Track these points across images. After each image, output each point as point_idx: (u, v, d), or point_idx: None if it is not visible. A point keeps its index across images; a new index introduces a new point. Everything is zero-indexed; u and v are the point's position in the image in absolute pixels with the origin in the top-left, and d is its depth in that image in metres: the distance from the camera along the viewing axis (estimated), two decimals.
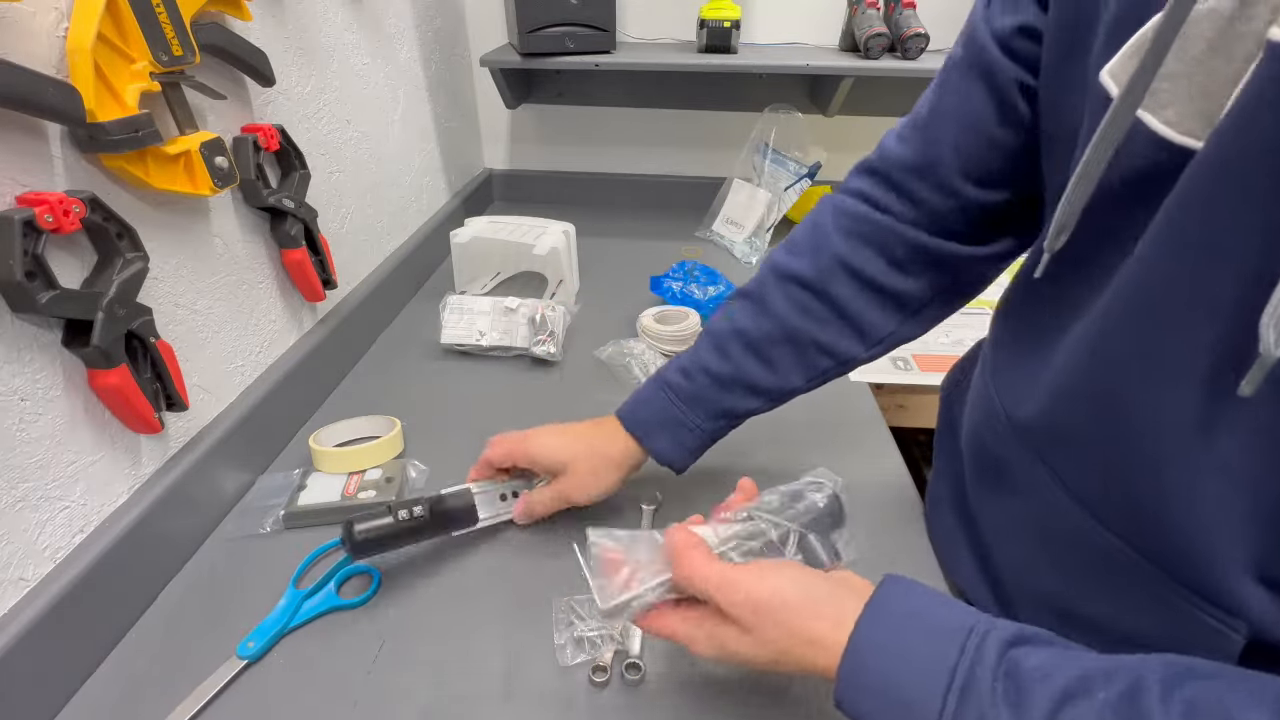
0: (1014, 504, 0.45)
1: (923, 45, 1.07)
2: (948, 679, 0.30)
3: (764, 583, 0.36)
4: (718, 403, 0.54)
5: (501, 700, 0.47)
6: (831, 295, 0.52)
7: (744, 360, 0.54)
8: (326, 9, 0.76)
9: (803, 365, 0.54)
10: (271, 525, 0.60)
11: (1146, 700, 0.27)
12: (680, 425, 0.55)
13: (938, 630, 0.32)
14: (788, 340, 0.53)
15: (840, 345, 0.53)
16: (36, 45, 0.42)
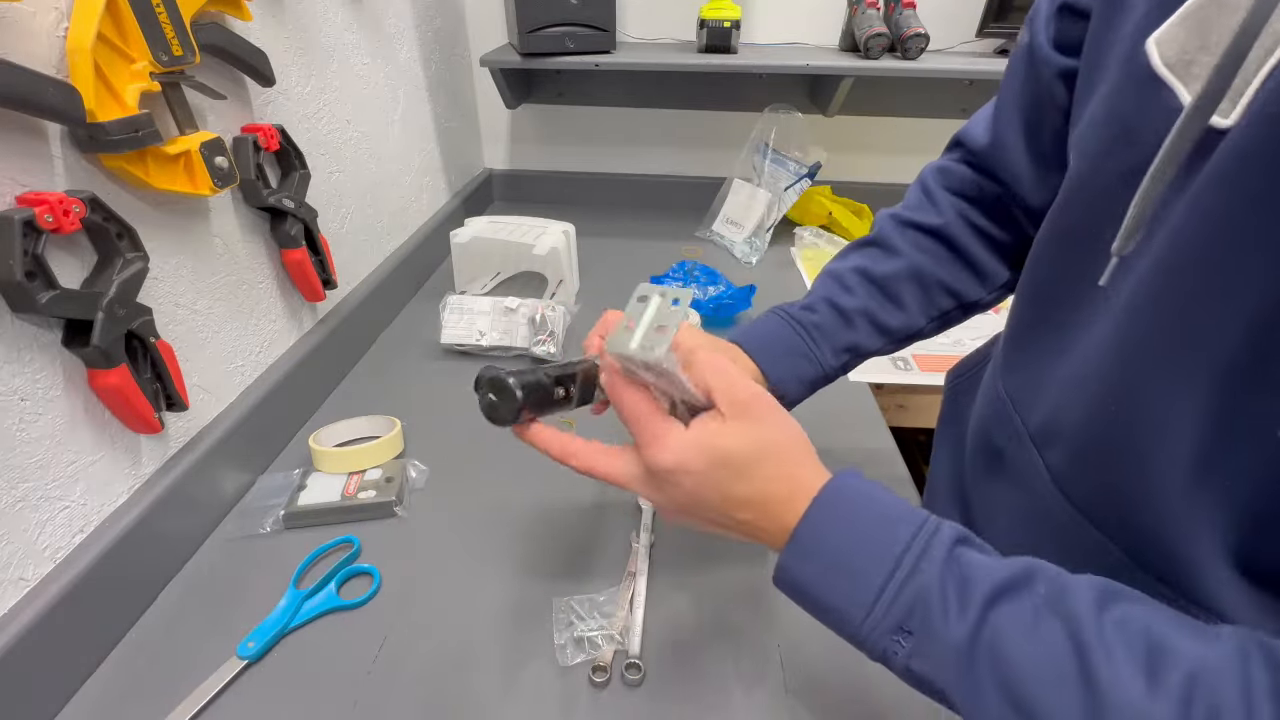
0: (1006, 492, 0.46)
1: (923, 45, 1.07)
2: (900, 551, 0.31)
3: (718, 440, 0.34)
4: (842, 337, 0.53)
5: (501, 700, 0.47)
6: (952, 238, 0.52)
7: (870, 295, 0.53)
8: (326, 9, 0.76)
9: (927, 303, 0.53)
10: (271, 525, 0.60)
11: (1081, 601, 0.27)
12: (802, 355, 0.53)
13: (893, 512, 0.32)
14: (913, 278, 0.53)
15: (963, 286, 0.53)
16: (36, 45, 0.43)
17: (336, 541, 0.59)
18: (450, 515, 0.63)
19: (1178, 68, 0.29)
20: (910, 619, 0.29)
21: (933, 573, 0.30)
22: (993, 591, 0.29)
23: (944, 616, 0.29)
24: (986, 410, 0.50)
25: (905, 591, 0.30)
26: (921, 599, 0.29)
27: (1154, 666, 0.25)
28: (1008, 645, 0.27)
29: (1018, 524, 0.44)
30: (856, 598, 0.31)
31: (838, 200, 1.31)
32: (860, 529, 0.32)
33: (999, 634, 0.28)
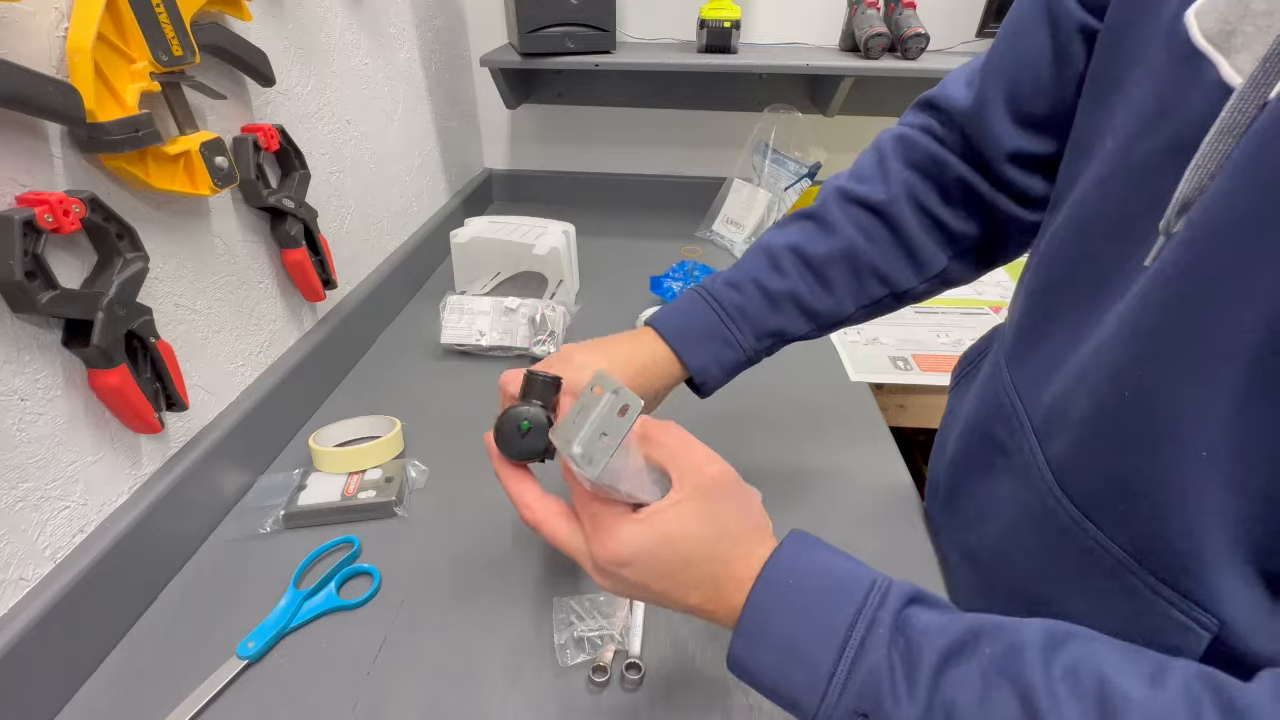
0: (1002, 490, 0.45)
1: (923, 45, 1.07)
2: (847, 628, 0.30)
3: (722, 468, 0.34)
4: (766, 321, 0.51)
5: (502, 700, 0.47)
6: (895, 220, 0.50)
7: (800, 278, 0.51)
8: (326, 9, 0.76)
9: (858, 290, 0.52)
10: (271, 525, 0.60)
11: (1028, 656, 0.27)
12: (723, 341, 0.50)
13: (838, 583, 0.32)
14: (846, 261, 0.51)
15: (897, 273, 0.52)
16: (36, 45, 0.42)
17: (336, 541, 0.59)
18: (450, 515, 0.63)
19: (1218, 39, 0.28)
20: (863, 702, 0.29)
21: (880, 650, 0.29)
22: (940, 660, 0.28)
23: (895, 700, 0.28)
24: (987, 403, 0.49)
25: (855, 673, 0.29)
26: (871, 680, 0.29)
27: (1105, 710, 0.25)
28: (960, 715, 0.27)
29: (1013, 524, 0.43)
30: (809, 685, 0.30)
31: None
32: (804, 608, 0.31)
33: (951, 709, 0.27)
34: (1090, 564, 0.36)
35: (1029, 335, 0.45)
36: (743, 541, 0.34)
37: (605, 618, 0.52)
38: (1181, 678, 0.25)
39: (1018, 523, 0.43)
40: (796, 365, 0.87)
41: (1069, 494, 0.38)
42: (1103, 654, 0.27)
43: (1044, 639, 0.28)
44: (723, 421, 0.76)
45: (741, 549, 0.33)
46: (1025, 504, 0.41)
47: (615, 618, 0.52)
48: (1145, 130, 0.33)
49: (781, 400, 0.80)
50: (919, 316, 1.02)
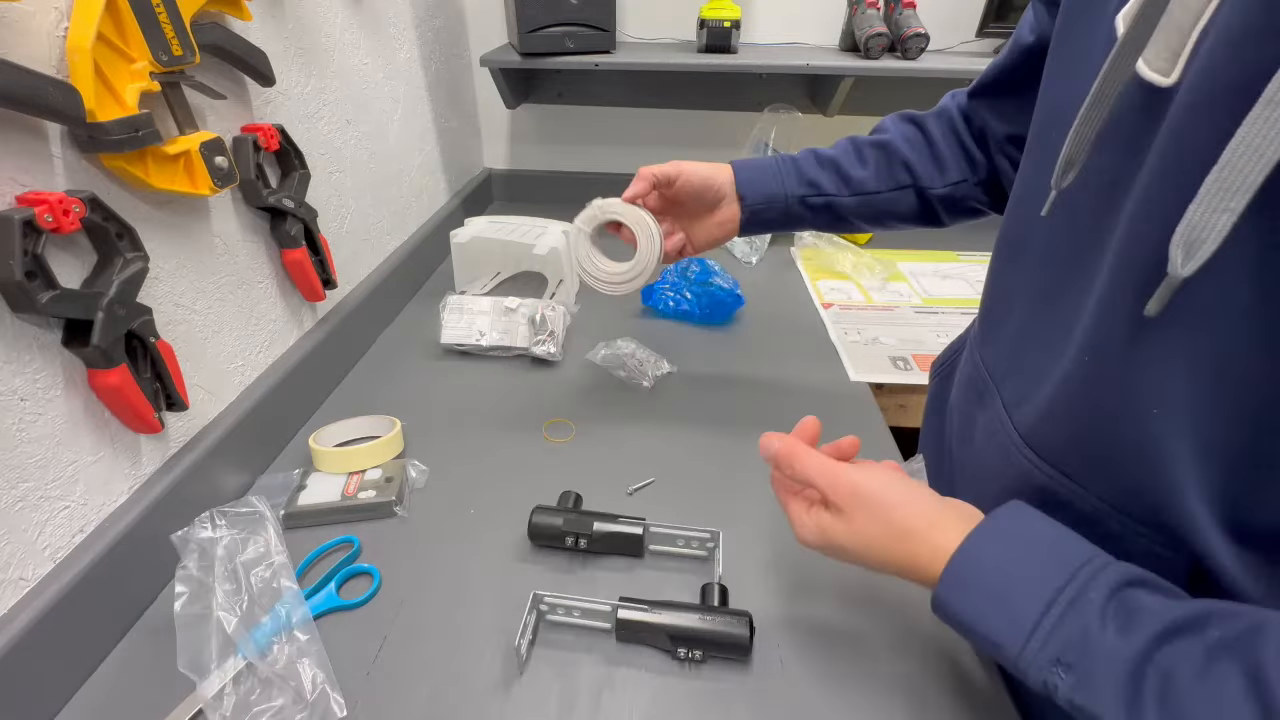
0: (983, 456, 0.48)
1: (923, 45, 1.07)
2: (1059, 586, 0.31)
3: (869, 478, 0.40)
4: (808, 172, 0.62)
5: (502, 700, 0.47)
6: (929, 130, 0.62)
7: (844, 152, 0.63)
8: (326, 9, 0.76)
9: (887, 171, 0.62)
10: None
11: (1266, 642, 0.26)
12: (772, 175, 0.63)
13: (1055, 553, 0.33)
14: (883, 148, 0.62)
15: (921, 168, 0.61)
16: (36, 45, 0.42)
17: (336, 541, 0.59)
18: (450, 515, 0.63)
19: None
20: (1068, 650, 0.30)
21: (1092, 612, 0.30)
22: (1161, 630, 0.28)
23: (1103, 646, 0.29)
24: (963, 384, 0.53)
25: (1062, 628, 0.30)
26: (1080, 634, 0.30)
27: None
28: (1178, 682, 0.27)
29: (998, 487, 0.45)
30: (1013, 629, 0.32)
31: None
32: (1015, 561, 0.34)
33: (1168, 674, 0.27)
34: (1071, 515, 0.37)
35: (991, 319, 0.50)
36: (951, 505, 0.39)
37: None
38: None
39: (998, 490, 0.44)
40: (797, 365, 0.87)
41: (1040, 454, 0.40)
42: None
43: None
44: (723, 421, 0.76)
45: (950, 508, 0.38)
46: (1002, 470, 0.44)
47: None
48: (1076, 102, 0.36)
49: (782, 400, 0.80)
50: (919, 316, 1.02)
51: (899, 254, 1.22)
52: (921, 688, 0.48)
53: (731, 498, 0.65)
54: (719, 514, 0.62)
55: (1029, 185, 0.44)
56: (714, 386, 0.82)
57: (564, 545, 0.58)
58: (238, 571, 0.53)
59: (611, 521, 0.57)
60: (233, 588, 0.52)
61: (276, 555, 0.55)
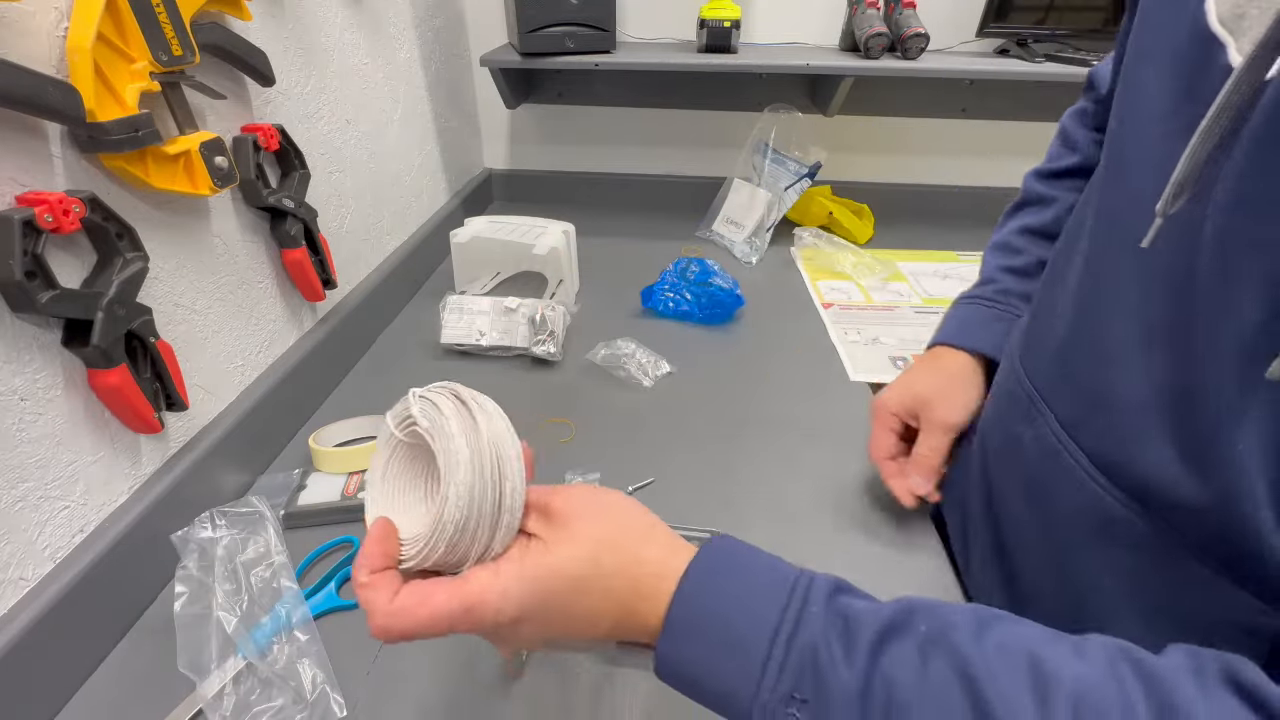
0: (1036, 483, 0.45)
1: (923, 45, 1.07)
2: (779, 614, 0.29)
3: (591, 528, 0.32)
4: (1025, 290, 0.56)
5: (501, 700, 0.47)
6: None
7: (1039, 246, 0.55)
8: (326, 9, 0.76)
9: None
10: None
11: (958, 635, 0.27)
12: (996, 319, 0.56)
13: (765, 573, 0.31)
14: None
15: None
16: (36, 45, 0.42)
17: (336, 541, 0.59)
18: None
19: (1230, 23, 0.29)
20: (801, 683, 0.28)
21: (816, 628, 0.28)
22: (877, 636, 0.28)
23: (834, 672, 0.27)
24: (1002, 398, 0.50)
25: (793, 652, 0.28)
26: (810, 659, 0.28)
27: (1041, 689, 0.25)
28: (900, 691, 0.26)
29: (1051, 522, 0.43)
30: (744, 672, 0.28)
31: (838, 200, 1.31)
32: (734, 597, 0.30)
33: (890, 681, 0.27)
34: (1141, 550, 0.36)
35: (1037, 330, 0.46)
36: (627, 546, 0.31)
37: None
38: (1102, 649, 0.26)
39: (1057, 516, 0.43)
40: (797, 365, 0.87)
41: (1115, 482, 0.37)
42: (1027, 633, 0.28)
43: (973, 620, 0.28)
44: (723, 421, 0.76)
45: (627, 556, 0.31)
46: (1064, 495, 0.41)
47: None
48: (1167, 116, 0.33)
49: (782, 400, 0.80)
50: (919, 316, 1.02)
51: (899, 254, 1.22)
52: None
53: (731, 498, 0.65)
54: (719, 514, 0.62)
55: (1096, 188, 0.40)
56: (714, 386, 0.82)
57: None
58: (238, 571, 0.53)
59: None
60: (233, 588, 0.52)
61: (276, 555, 0.55)
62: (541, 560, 0.30)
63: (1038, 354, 0.45)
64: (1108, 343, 0.38)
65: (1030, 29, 1.11)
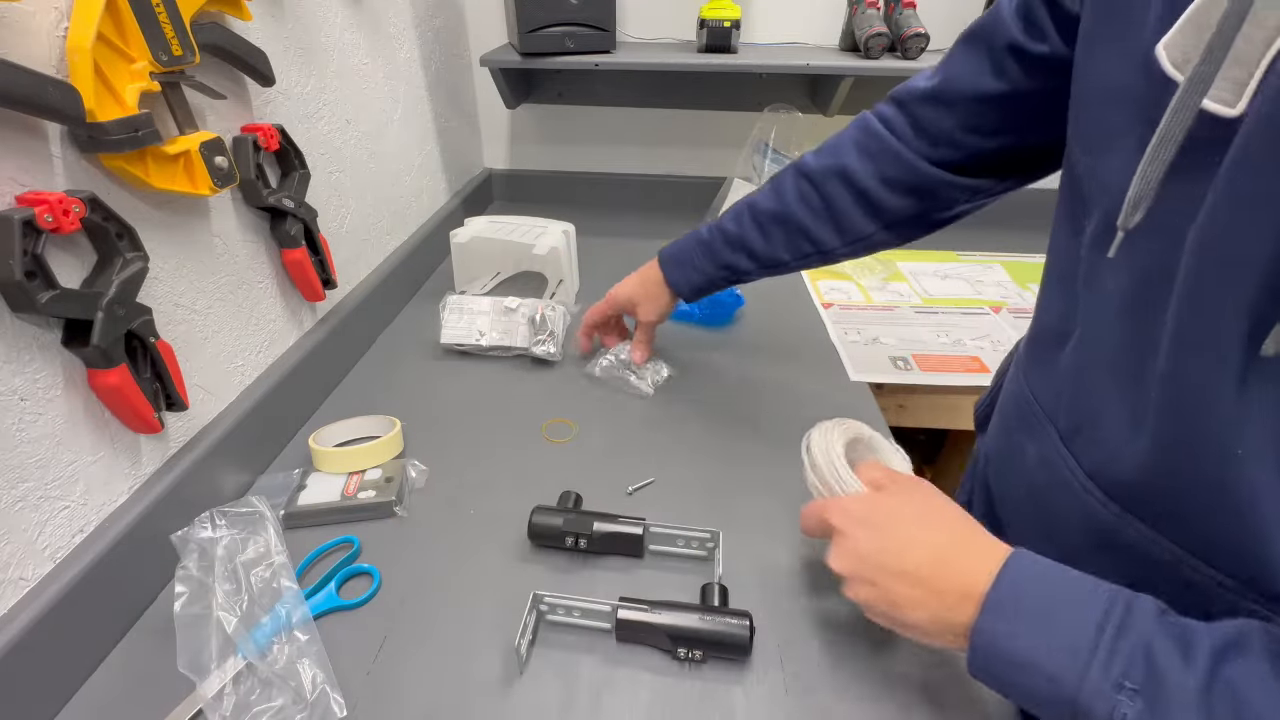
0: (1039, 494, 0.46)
1: (923, 45, 1.07)
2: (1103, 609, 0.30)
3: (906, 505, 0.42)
4: (721, 255, 0.69)
5: (502, 700, 0.47)
6: (826, 192, 0.61)
7: (749, 229, 0.66)
8: (326, 9, 0.76)
9: (789, 244, 0.65)
10: None
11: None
12: (691, 266, 0.71)
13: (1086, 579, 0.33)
14: (783, 221, 0.64)
15: (821, 235, 0.63)
16: (36, 45, 0.42)
17: (336, 541, 0.59)
18: (450, 515, 0.63)
19: (1183, 68, 0.31)
20: (1132, 671, 0.28)
21: (1147, 626, 0.29)
22: (1217, 647, 0.28)
23: (1171, 669, 0.28)
24: (1008, 410, 0.51)
25: (1123, 640, 0.29)
26: (1142, 652, 0.28)
27: None
28: (1248, 691, 0.27)
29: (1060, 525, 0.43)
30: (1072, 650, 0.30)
31: None
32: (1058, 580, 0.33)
33: (1235, 685, 0.27)
34: (1138, 559, 0.37)
35: (1040, 346, 0.47)
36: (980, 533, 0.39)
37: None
38: None
39: (1057, 528, 0.43)
40: (797, 365, 0.87)
41: (1110, 495, 0.38)
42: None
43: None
44: (722, 421, 0.76)
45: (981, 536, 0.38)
46: (1063, 508, 0.42)
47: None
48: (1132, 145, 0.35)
49: (782, 400, 0.80)
50: (919, 316, 1.02)
51: (899, 254, 1.22)
52: (922, 687, 0.48)
53: (731, 498, 0.65)
54: (719, 514, 0.62)
55: (1071, 215, 0.42)
56: (714, 387, 0.82)
57: (564, 545, 0.58)
58: (238, 571, 0.53)
59: (611, 521, 0.57)
60: (233, 588, 0.52)
61: (276, 555, 0.55)
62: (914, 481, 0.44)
63: (1041, 369, 0.47)
64: (1099, 358, 0.39)
65: None
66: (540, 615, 0.52)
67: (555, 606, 0.52)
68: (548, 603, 0.51)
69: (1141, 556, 0.37)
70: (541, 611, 0.52)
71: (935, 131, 0.55)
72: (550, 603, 0.51)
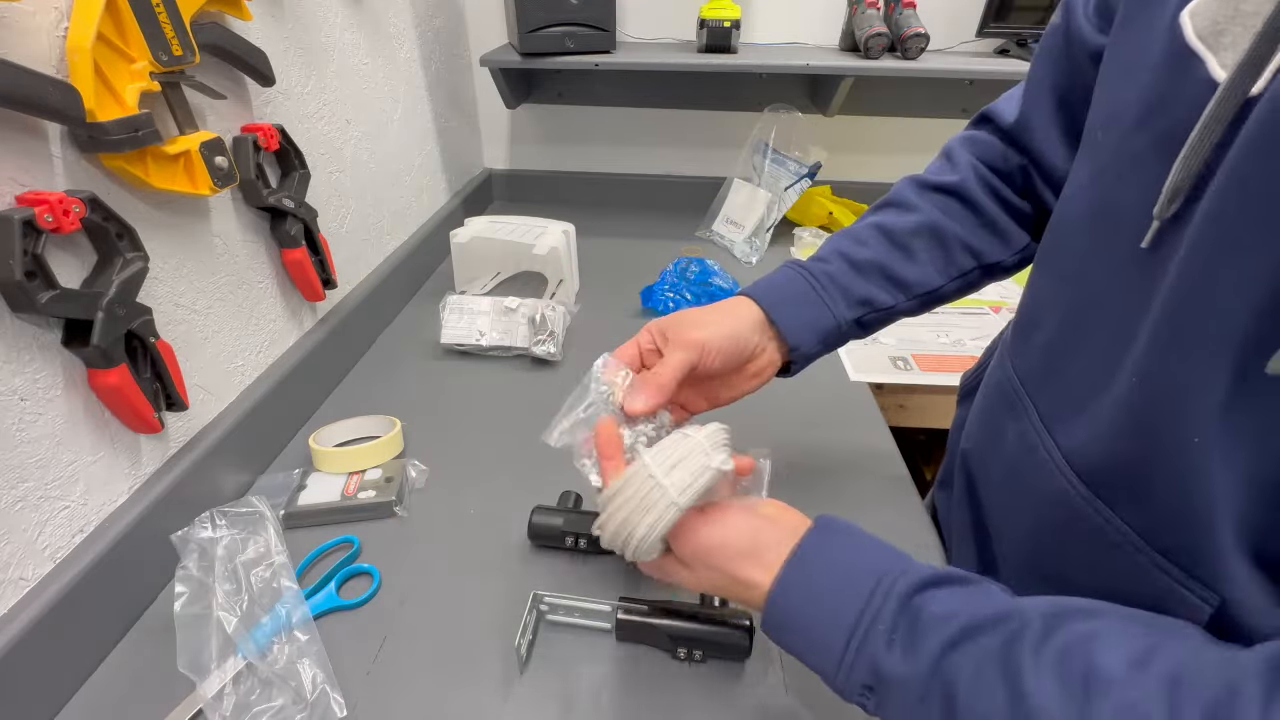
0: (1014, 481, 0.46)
1: (923, 45, 1.07)
2: (851, 625, 0.34)
3: (711, 534, 0.40)
4: (854, 287, 0.51)
5: (502, 700, 0.47)
6: (974, 199, 0.51)
7: (884, 248, 0.52)
8: (326, 9, 0.76)
9: (945, 260, 0.52)
10: None
11: (1021, 648, 0.29)
12: (815, 303, 0.50)
13: (850, 577, 0.36)
14: (931, 234, 0.52)
15: (982, 245, 0.52)
16: (36, 45, 0.42)
17: (336, 541, 0.59)
18: (450, 515, 0.63)
19: (1209, 38, 0.30)
20: (869, 676, 0.33)
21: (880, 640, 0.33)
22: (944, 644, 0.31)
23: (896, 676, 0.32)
24: (991, 391, 0.51)
25: (862, 654, 0.33)
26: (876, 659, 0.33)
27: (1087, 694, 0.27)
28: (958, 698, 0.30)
29: (1026, 506, 0.44)
30: (827, 662, 0.35)
31: (838, 200, 1.31)
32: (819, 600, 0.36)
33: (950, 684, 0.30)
34: (1098, 541, 0.37)
35: (1026, 327, 0.47)
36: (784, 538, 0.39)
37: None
38: (1168, 658, 0.27)
39: (1030, 506, 0.44)
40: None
41: (1082, 478, 0.38)
42: (1095, 629, 0.29)
43: (1042, 624, 0.30)
44: (722, 422, 0.76)
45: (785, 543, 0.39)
46: (1038, 488, 0.42)
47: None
48: (1140, 125, 0.34)
49: (781, 400, 0.80)
50: (919, 316, 1.02)
51: None
52: None
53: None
54: None
55: (1080, 190, 0.41)
56: None
57: (564, 545, 0.58)
58: (238, 571, 0.53)
59: None
60: (233, 588, 0.52)
61: (276, 555, 0.55)
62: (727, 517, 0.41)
63: (1025, 350, 0.46)
64: (1089, 342, 0.39)
65: (1030, 29, 1.11)
66: (540, 615, 0.52)
67: (555, 606, 0.52)
68: (548, 603, 0.51)
69: (1100, 539, 0.37)
70: (541, 611, 0.52)
71: (1034, 153, 0.50)
72: (550, 603, 0.51)
